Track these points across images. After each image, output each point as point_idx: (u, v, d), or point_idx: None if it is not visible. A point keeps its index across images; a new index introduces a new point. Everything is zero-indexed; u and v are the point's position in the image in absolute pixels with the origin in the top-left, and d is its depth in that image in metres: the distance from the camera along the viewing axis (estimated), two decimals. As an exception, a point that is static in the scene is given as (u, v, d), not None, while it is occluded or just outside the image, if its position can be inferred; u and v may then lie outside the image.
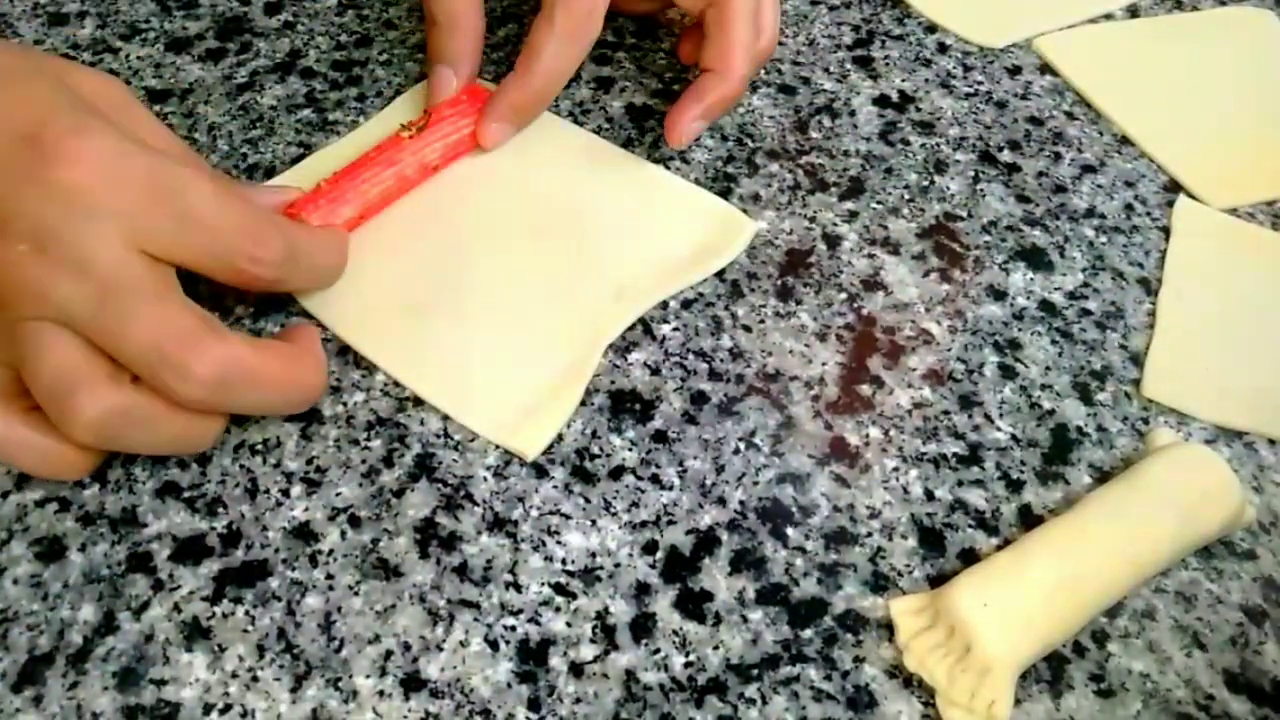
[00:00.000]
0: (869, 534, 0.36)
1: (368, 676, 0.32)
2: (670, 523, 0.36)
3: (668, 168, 0.46)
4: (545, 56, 0.42)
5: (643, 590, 0.34)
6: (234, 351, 0.31)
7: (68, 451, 0.32)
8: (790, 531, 0.36)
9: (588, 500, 0.36)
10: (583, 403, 0.38)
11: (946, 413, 0.40)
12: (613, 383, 0.39)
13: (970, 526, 0.37)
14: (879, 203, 0.46)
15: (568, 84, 0.45)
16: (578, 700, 0.32)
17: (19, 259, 0.30)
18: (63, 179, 0.30)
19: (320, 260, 0.38)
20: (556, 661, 0.32)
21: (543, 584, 0.34)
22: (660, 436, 0.38)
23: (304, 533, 0.34)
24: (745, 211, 0.45)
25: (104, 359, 0.31)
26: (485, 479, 0.36)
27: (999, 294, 0.44)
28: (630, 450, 0.37)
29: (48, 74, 0.32)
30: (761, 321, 0.41)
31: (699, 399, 0.39)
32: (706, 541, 0.35)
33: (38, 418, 0.31)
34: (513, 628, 0.33)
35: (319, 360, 0.35)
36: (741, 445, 0.38)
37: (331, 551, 0.34)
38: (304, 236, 0.37)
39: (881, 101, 0.51)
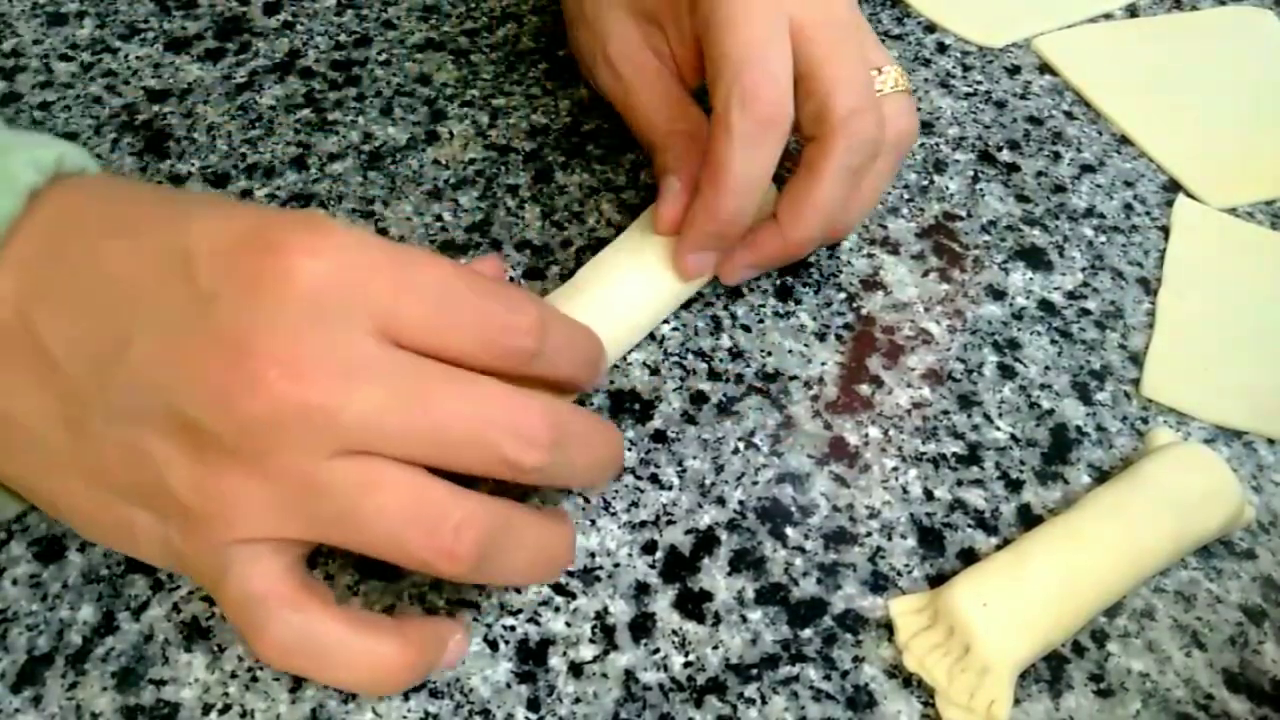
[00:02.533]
0: (868, 534, 0.36)
1: (367, 676, 0.32)
2: (670, 522, 0.36)
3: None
4: (733, 169, 0.35)
5: (642, 590, 0.34)
6: (492, 503, 0.27)
7: (388, 655, 0.27)
8: (789, 531, 0.36)
9: (587, 500, 0.36)
10: (582, 402, 0.38)
11: (946, 412, 0.40)
12: (612, 383, 0.39)
13: (970, 526, 0.37)
14: (878, 202, 0.46)
15: (570, 85, 0.45)
16: (577, 700, 0.32)
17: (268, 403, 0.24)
18: (303, 280, 0.25)
19: (580, 342, 0.32)
20: (556, 661, 0.32)
21: (542, 584, 0.34)
22: (659, 436, 0.38)
23: (303, 533, 0.34)
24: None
25: (299, 575, 0.27)
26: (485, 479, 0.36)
27: (998, 293, 0.44)
28: (630, 450, 0.37)
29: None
30: (761, 321, 0.41)
31: (698, 399, 0.39)
32: (706, 541, 0.35)
33: (349, 616, 0.27)
34: (512, 628, 0.33)
35: (569, 523, 0.31)
36: (741, 445, 0.38)
37: (330, 551, 0.34)
38: (556, 315, 0.31)
39: (881, 101, 0.51)
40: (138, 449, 0.25)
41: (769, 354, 0.41)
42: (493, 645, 0.33)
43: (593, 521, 0.35)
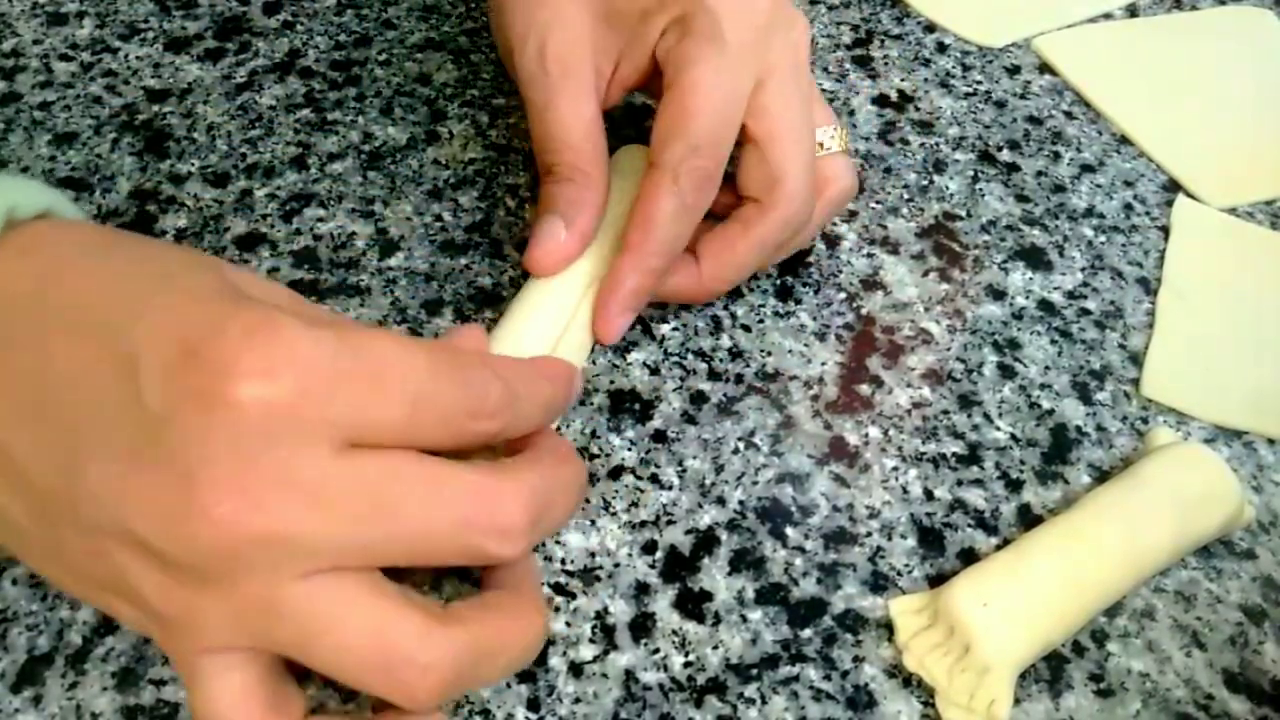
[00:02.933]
0: (868, 534, 0.36)
1: (367, 676, 0.32)
2: (670, 522, 0.36)
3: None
4: (665, 227, 0.35)
5: (642, 590, 0.34)
6: (462, 638, 0.25)
7: None
8: (790, 531, 0.36)
9: (587, 500, 0.36)
10: (582, 402, 0.38)
11: (946, 412, 0.40)
12: (612, 382, 0.39)
13: (969, 526, 0.37)
14: (878, 202, 0.46)
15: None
16: (577, 700, 0.32)
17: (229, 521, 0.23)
18: (255, 405, 0.23)
19: (544, 392, 0.30)
20: (556, 661, 0.32)
21: (542, 583, 0.34)
22: (659, 436, 0.38)
23: (303, 533, 0.34)
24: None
25: (272, 686, 0.25)
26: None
27: (998, 293, 0.44)
28: (629, 450, 0.37)
29: (209, 268, 0.26)
30: (761, 321, 0.41)
31: (698, 399, 0.39)
32: (706, 541, 0.35)
33: None
34: (512, 628, 0.33)
35: (541, 605, 0.28)
36: (741, 445, 0.38)
37: (331, 551, 0.34)
38: (520, 377, 0.29)
39: (881, 101, 0.51)
40: (107, 557, 0.24)
41: (769, 354, 0.41)
42: (493, 645, 0.33)
43: (593, 521, 0.35)
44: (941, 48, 0.54)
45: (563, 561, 0.34)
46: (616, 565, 0.35)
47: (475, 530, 0.25)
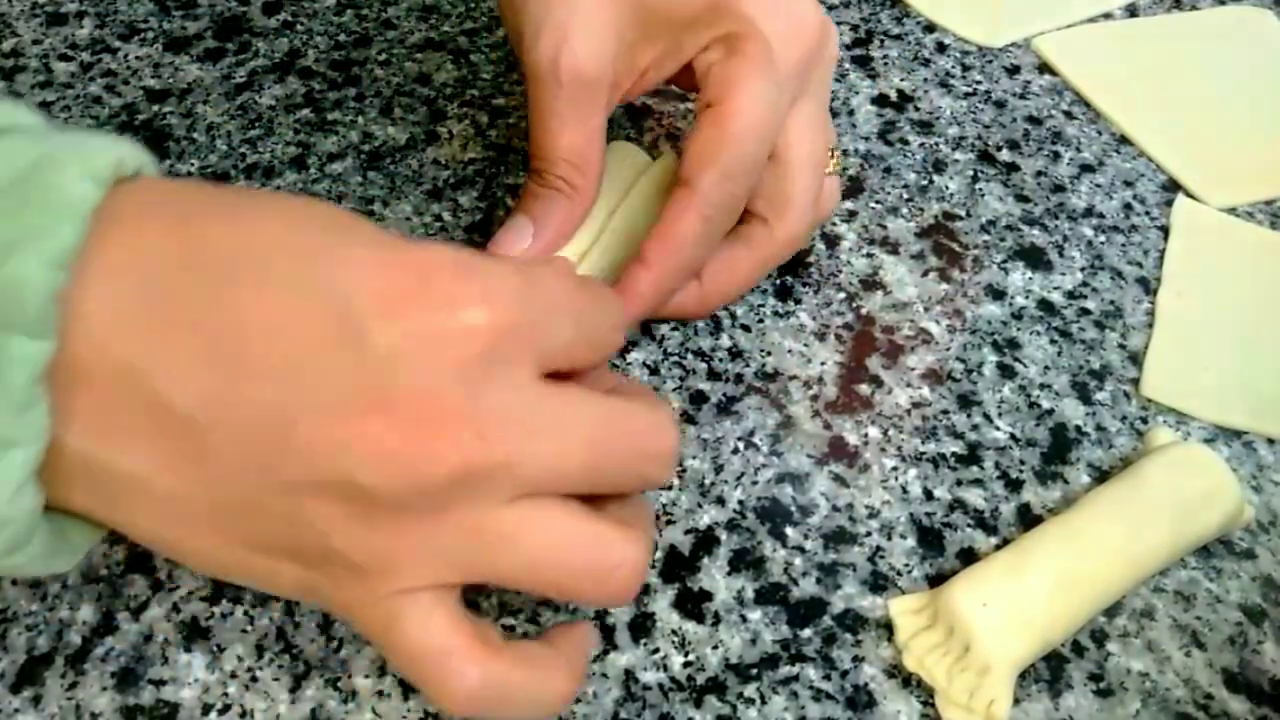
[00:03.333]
0: (868, 533, 0.36)
1: (366, 676, 0.32)
2: (669, 522, 0.36)
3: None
4: (689, 248, 0.35)
5: (642, 590, 0.34)
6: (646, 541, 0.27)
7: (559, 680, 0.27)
8: (789, 531, 0.36)
9: (587, 500, 0.36)
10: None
11: (945, 412, 0.40)
12: (612, 382, 0.39)
13: (969, 526, 0.37)
14: (878, 202, 0.46)
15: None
16: (577, 700, 0.32)
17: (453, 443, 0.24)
18: (481, 333, 0.24)
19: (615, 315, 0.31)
20: (555, 661, 0.32)
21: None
22: (659, 436, 0.38)
23: (303, 533, 0.34)
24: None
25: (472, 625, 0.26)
26: (484, 479, 0.36)
27: (998, 293, 0.44)
28: (629, 450, 0.37)
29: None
30: (760, 321, 0.41)
31: (698, 398, 0.39)
32: (705, 541, 0.35)
33: (519, 657, 0.27)
34: (512, 627, 0.33)
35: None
36: (740, 445, 0.38)
37: (330, 551, 0.34)
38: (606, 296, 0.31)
39: (880, 101, 0.51)
40: (297, 516, 0.24)
41: (768, 354, 0.41)
42: (492, 645, 0.33)
43: (592, 521, 0.35)
44: (941, 48, 0.54)
45: (562, 561, 0.34)
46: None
47: (644, 457, 0.27)
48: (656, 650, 0.33)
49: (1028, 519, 0.37)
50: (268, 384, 0.23)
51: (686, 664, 0.33)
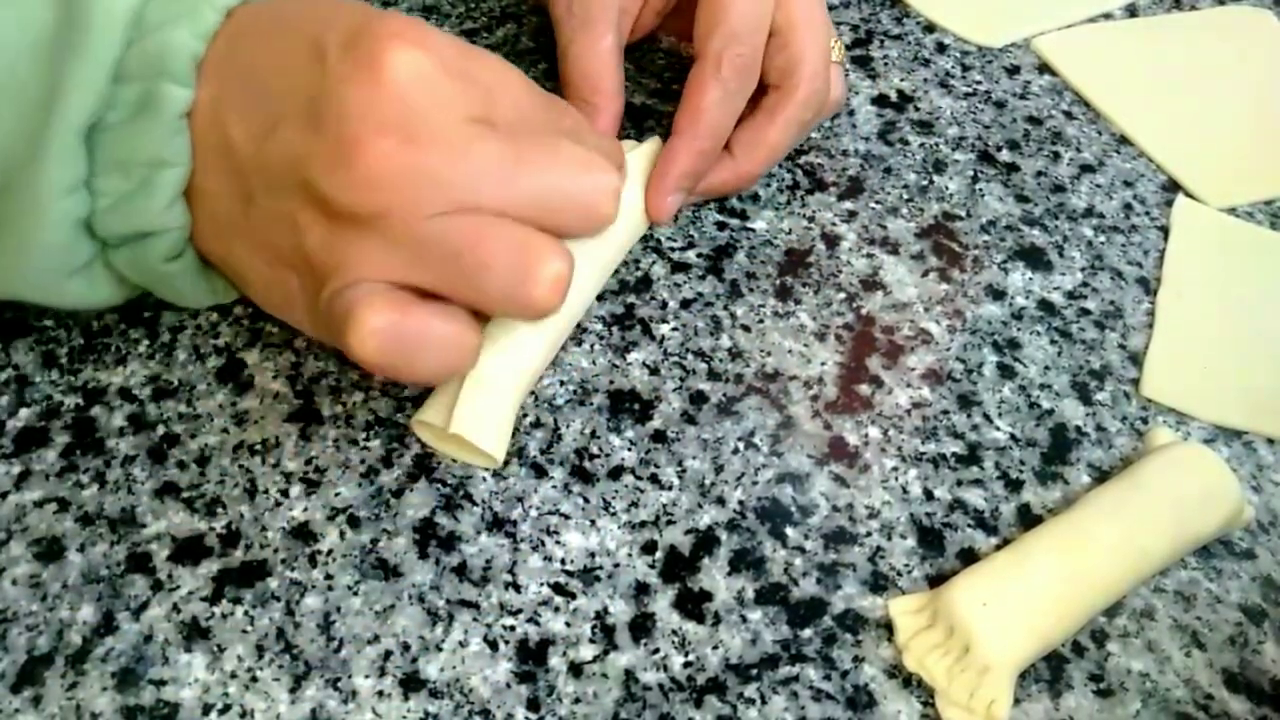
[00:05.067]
0: (868, 534, 0.36)
1: (367, 677, 0.32)
2: (669, 523, 0.36)
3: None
4: (713, 112, 0.39)
5: (642, 590, 0.34)
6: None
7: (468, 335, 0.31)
8: (789, 531, 0.36)
9: (587, 500, 0.36)
10: (581, 402, 0.38)
11: (945, 412, 0.40)
12: (611, 383, 0.39)
13: (969, 526, 0.37)
14: (878, 202, 0.46)
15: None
16: (577, 700, 0.32)
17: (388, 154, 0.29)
18: (412, 64, 0.29)
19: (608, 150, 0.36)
20: (556, 661, 0.32)
21: (542, 584, 0.34)
22: (659, 436, 0.38)
23: (303, 533, 0.34)
24: (744, 212, 0.45)
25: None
26: (484, 479, 0.36)
27: (998, 293, 0.44)
28: (629, 450, 0.37)
29: None
30: (760, 321, 0.42)
31: (698, 399, 0.39)
32: (706, 541, 0.35)
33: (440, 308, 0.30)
34: (512, 628, 0.33)
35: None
36: (740, 445, 0.38)
37: (330, 551, 0.34)
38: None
39: (880, 101, 0.51)
40: (286, 217, 0.30)
41: (769, 354, 0.41)
42: (493, 645, 0.33)
43: (593, 522, 0.35)
44: (941, 48, 0.54)
45: (562, 561, 0.34)
46: (616, 565, 0.35)
47: (589, 191, 0.31)
48: (657, 650, 0.33)
49: (1028, 519, 0.37)
50: (270, 104, 0.30)
51: (687, 664, 0.33)
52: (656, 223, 0.40)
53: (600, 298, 0.41)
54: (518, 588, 0.34)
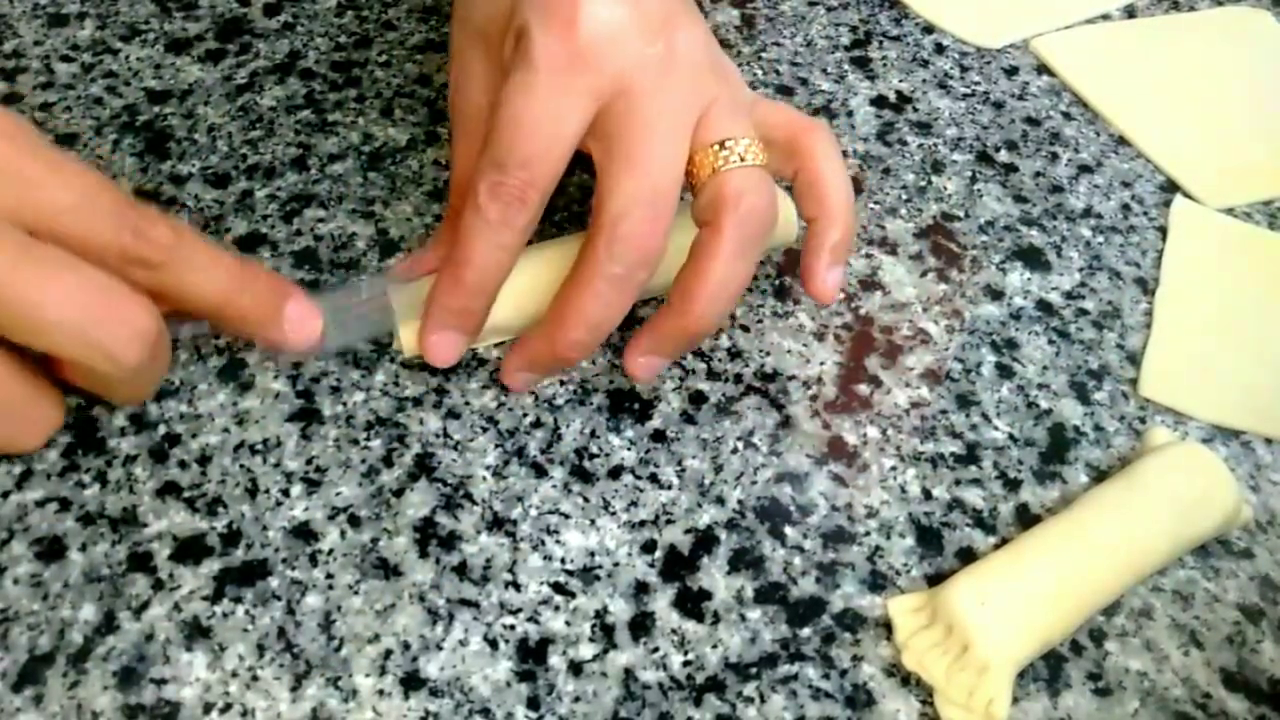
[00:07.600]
0: (867, 533, 0.36)
1: (367, 675, 0.32)
2: (669, 522, 0.36)
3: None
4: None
5: (641, 589, 0.34)
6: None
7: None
8: (788, 530, 0.36)
9: (586, 499, 0.36)
10: (581, 402, 0.38)
11: (944, 412, 0.40)
12: (611, 382, 0.39)
13: (968, 525, 0.37)
14: (876, 203, 0.46)
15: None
16: (577, 699, 0.32)
17: None
18: None
19: (225, 271, 0.35)
20: (556, 660, 0.32)
21: (542, 583, 0.34)
22: (659, 436, 0.38)
23: (304, 532, 0.34)
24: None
25: None
26: (485, 478, 0.36)
27: (996, 294, 0.44)
28: (629, 450, 0.37)
29: None
30: (759, 321, 0.42)
31: (697, 398, 0.39)
32: (705, 541, 0.35)
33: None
34: (512, 627, 0.33)
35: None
36: (740, 444, 0.38)
37: (331, 551, 0.34)
38: (206, 247, 0.35)
39: (879, 102, 0.51)
40: None
41: (768, 354, 0.41)
42: (493, 644, 0.33)
43: (592, 521, 0.36)
44: (940, 49, 0.54)
45: (562, 561, 0.35)
46: (616, 564, 0.35)
47: (99, 327, 0.31)
48: (656, 649, 0.33)
49: (1026, 518, 0.37)
50: None
51: (686, 663, 0.33)
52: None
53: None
54: (518, 587, 0.34)
